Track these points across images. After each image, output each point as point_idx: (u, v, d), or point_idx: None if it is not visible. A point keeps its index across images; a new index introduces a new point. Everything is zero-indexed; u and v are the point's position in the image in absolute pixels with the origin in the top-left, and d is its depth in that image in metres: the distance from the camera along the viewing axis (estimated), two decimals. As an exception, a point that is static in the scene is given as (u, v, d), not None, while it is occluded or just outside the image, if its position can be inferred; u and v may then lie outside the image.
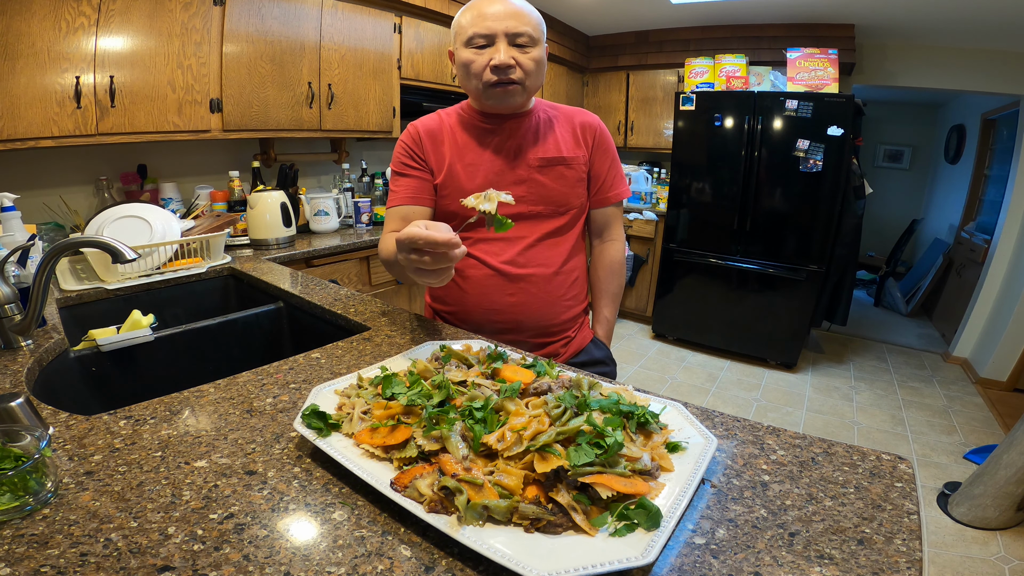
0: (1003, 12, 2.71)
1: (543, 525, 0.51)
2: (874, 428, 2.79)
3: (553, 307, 1.16)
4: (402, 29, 2.67)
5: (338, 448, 0.62)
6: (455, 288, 1.17)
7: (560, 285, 1.16)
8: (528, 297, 1.14)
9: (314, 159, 2.78)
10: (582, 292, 1.23)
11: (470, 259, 1.15)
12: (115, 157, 2.02)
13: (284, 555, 0.49)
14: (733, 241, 3.44)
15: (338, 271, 2.23)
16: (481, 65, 1.04)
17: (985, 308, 3.47)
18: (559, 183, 1.13)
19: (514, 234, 1.13)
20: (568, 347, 1.21)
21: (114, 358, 1.17)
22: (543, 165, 1.13)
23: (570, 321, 1.20)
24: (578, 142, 1.16)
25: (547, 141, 1.14)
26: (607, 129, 1.21)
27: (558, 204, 1.14)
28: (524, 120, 1.14)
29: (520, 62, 1.04)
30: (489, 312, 1.15)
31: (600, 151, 1.18)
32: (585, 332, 1.26)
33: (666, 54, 3.99)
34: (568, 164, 1.14)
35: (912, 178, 5.82)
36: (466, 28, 1.04)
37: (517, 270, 1.13)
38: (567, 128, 1.16)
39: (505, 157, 1.13)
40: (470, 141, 1.14)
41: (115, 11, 1.66)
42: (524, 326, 1.15)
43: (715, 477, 0.63)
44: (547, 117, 1.17)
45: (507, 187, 1.11)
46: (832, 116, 3.00)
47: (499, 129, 1.13)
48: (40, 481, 0.55)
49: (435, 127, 1.16)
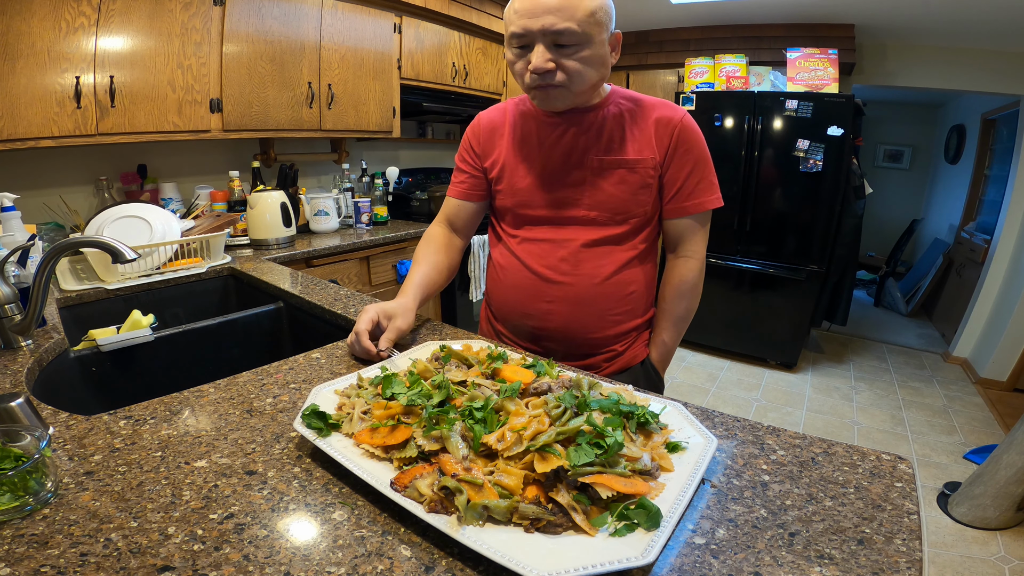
0: (1003, 12, 2.71)
1: (543, 525, 0.51)
2: (874, 428, 2.79)
3: (597, 320, 1.05)
4: (402, 29, 2.68)
5: (338, 448, 0.62)
6: (498, 287, 1.14)
7: (608, 297, 1.04)
8: (566, 306, 1.04)
9: (314, 159, 2.78)
10: (640, 306, 1.10)
11: (513, 259, 1.09)
12: (115, 157, 2.03)
13: (284, 555, 0.49)
14: (733, 241, 3.44)
15: (338, 271, 2.23)
16: (520, 69, 0.95)
17: (985, 308, 3.47)
18: (619, 188, 1.01)
19: (562, 237, 1.04)
20: (614, 362, 1.09)
21: (114, 358, 1.17)
22: (603, 167, 1.01)
23: (618, 337, 1.08)
24: (649, 142, 1.01)
25: (612, 140, 1.01)
26: (694, 125, 1.02)
27: (615, 211, 1.02)
28: (588, 115, 1.02)
29: (563, 65, 0.91)
30: (524, 316, 1.09)
31: (680, 153, 1.01)
32: (638, 349, 1.12)
33: (666, 54, 3.99)
34: (631, 168, 1.00)
35: (912, 178, 5.82)
36: (507, 24, 0.93)
37: (559, 276, 1.04)
38: (641, 125, 1.01)
39: (562, 155, 1.03)
40: (530, 135, 1.06)
41: (115, 11, 1.66)
42: (560, 335, 1.06)
43: (715, 477, 0.63)
44: (619, 111, 1.02)
45: (560, 188, 1.04)
46: (832, 116, 3.00)
47: (560, 123, 1.03)
48: (40, 481, 0.55)
49: (498, 119, 1.11)
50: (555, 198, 1.04)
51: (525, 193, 1.07)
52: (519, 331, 1.12)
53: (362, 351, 0.93)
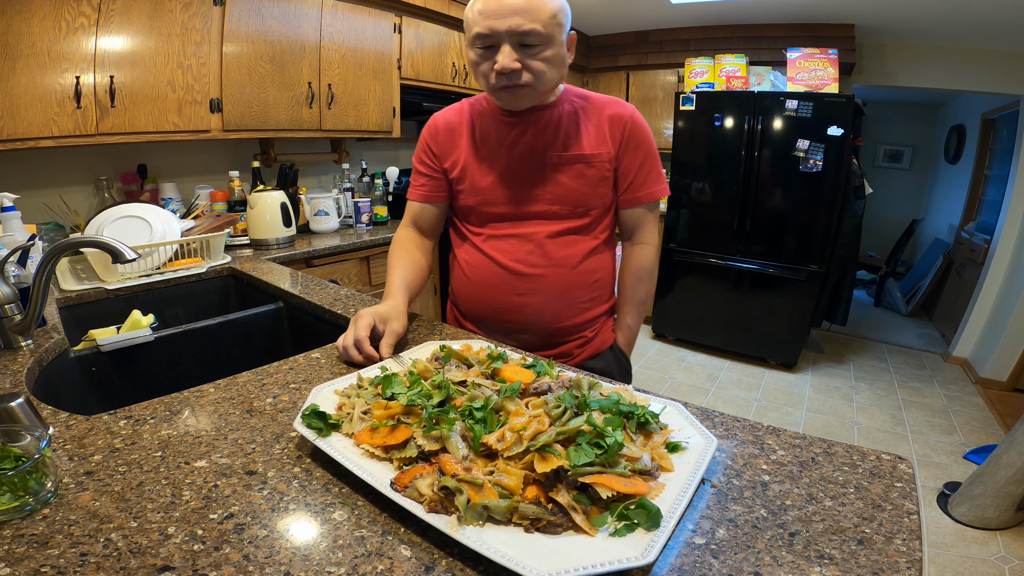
0: (1003, 12, 2.71)
1: (543, 525, 0.51)
2: (874, 428, 2.79)
3: (567, 308, 1.10)
4: (402, 29, 2.68)
5: (338, 448, 0.62)
6: (467, 286, 1.15)
7: (577, 285, 1.10)
8: (539, 297, 1.08)
9: (314, 159, 2.78)
10: (604, 294, 1.16)
11: (481, 256, 1.12)
12: (115, 157, 2.03)
13: (284, 555, 0.49)
14: (733, 241, 3.44)
15: (338, 271, 2.23)
16: (486, 69, 0.98)
17: (985, 308, 3.47)
18: (579, 182, 1.06)
19: (527, 231, 1.08)
20: (585, 348, 1.15)
21: (114, 358, 1.17)
22: (562, 163, 1.06)
23: (587, 323, 1.14)
24: (604, 138, 1.06)
25: (569, 136, 1.06)
26: (643, 122, 1.09)
27: (576, 204, 1.07)
28: (544, 113, 1.06)
29: (528, 65, 0.95)
30: (498, 312, 1.11)
31: (631, 147, 1.07)
32: (606, 335, 1.19)
33: (666, 54, 3.99)
34: (588, 162, 1.06)
35: (912, 178, 5.82)
36: (470, 26, 0.97)
37: (528, 269, 1.08)
38: (594, 121, 1.07)
39: (522, 153, 1.07)
40: (489, 135, 1.09)
41: (115, 11, 1.66)
42: (534, 326, 1.10)
43: (715, 477, 0.63)
44: (573, 109, 1.08)
45: (522, 185, 1.07)
46: (832, 116, 3.00)
47: (519, 122, 1.07)
48: (40, 481, 0.55)
49: (454, 120, 1.13)
50: (517, 195, 1.08)
51: (487, 191, 1.09)
52: (491, 327, 1.14)
53: (366, 357, 0.91)
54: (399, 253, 1.15)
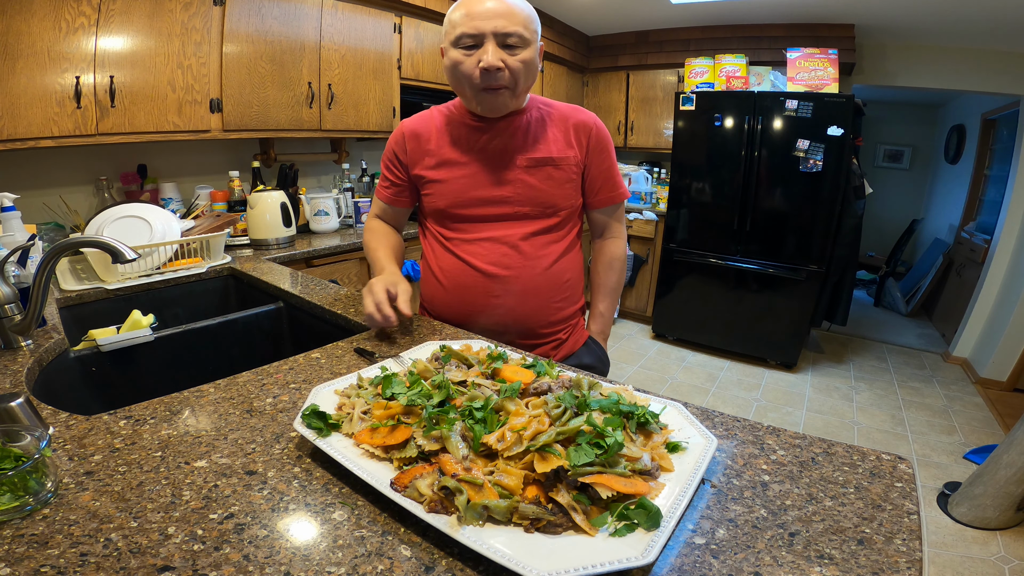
0: (1003, 12, 2.71)
1: (543, 525, 0.51)
2: (874, 428, 2.80)
3: (542, 309, 1.13)
4: (402, 29, 2.67)
5: (338, 448, 0.62)
6: (440, 291, 1.16)
7: (549, 286, 1.13)
8: (513, 299, 1.11)
9: (314, 159, 2.78)
10: (576, 293, 1.20)
11: (455, 261, 1.13)
12: (115, 157, 2.02)
13: (284, 555, 0.49)
14: (733, 241, 3.44)
15: (338, 271, 2.23)
16: (469, 67, 1.01)
17: (985, 308, 3.47)
18: (547, 184, 1.11)
19: (499, 234, 1.11)
20: (559, 349, 1.19)
21: (114, 358, 1.17)
22: (530, 166, 1.10)
23: (561, 323, 1.17)
24: (570, 142, 1.13)
25: (537, 141, 1.11)
26: (605, 128, 1.17)
27: (545, 205, 1.12)
28: (514, 119, 1.11)
29: (509, 64, 1.01)
30: (473, 315, 1.13)
31: (596, 152, 1.15)
32: (579, 334, 1.24)
33: (666, 54, 3.99)
34: (557, 165, 1.11)
35: (912, 178, 5.82)
36: (455, 26, 1.01)
37: (503, 271, 1.10)
38: (560, 127, 1.13)
39: (491, 157, 1.11)
40: (458, 139, 1.12)
41: (115, 11, 1.66)
42: (511, 328, 1.13)
43: (715, 477, 0.63)
44: (539, 115, 1.14)
45: (492, 188, 1.10)
46: (832, 116, 3.00)
47: (488, 128, 1.11)
48: (40, 481, 0.55)
49: (422, 127, 1.15)
50: (488, 197, 1.11)
51: (458, 195, 1.12)
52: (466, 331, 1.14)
53: (384, 317, 0.99)
54: (376, 236, 1.23)
